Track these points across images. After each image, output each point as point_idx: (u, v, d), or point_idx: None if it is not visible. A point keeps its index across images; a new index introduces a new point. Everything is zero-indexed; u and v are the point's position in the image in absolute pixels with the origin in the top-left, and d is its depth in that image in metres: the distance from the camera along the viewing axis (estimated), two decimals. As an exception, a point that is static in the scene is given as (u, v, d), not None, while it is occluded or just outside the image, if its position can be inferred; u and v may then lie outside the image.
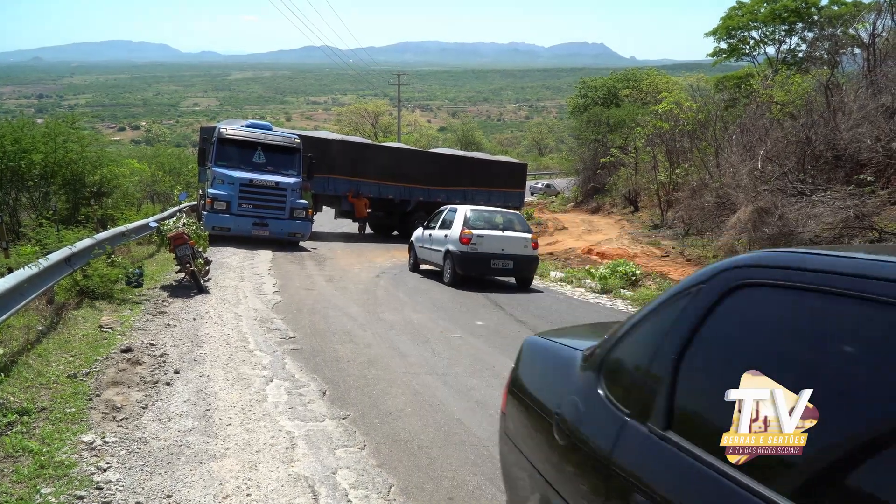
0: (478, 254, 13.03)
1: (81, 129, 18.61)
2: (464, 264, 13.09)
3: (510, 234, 13.58)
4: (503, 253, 13.25)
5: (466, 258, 13.04)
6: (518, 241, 13.46)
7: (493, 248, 13.17)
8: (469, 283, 13.58)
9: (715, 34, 36.78)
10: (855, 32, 20.54)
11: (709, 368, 2.07)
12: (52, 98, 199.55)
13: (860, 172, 14.52)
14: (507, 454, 3.24)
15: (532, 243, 13.68)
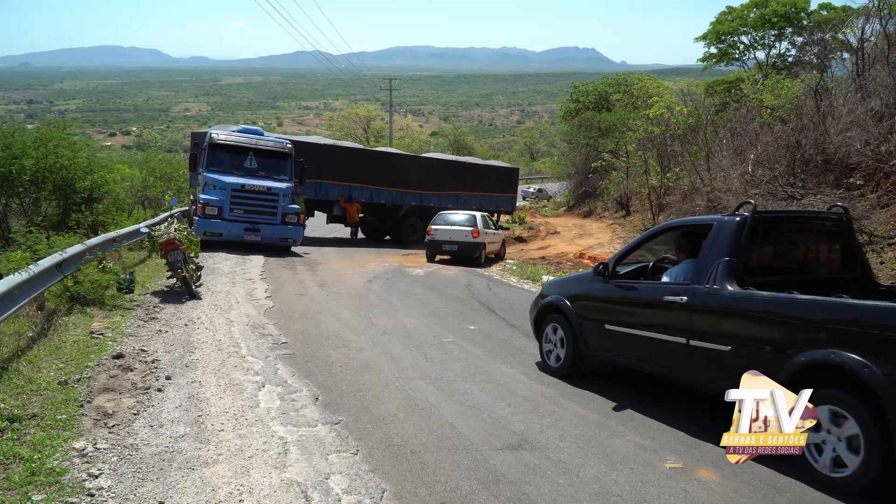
0: (434, 240, 19.29)
1: (72, 134, 18.52)
2: (427, 247, 19.71)
3: (456, 227, 19.22)
4: (450, 240, 19.08)
5: (428, 243, 19.61)
6: (461, 233, 19.13)
7: (444, 237, 19.15)
8: (462, 287, 13.72)
9: (705, 39, 37.00)
10: (844, 37, 20.67)
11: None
12: (41, 103, 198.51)
13: (850, 176, 14.60)
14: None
15: (473, 233, 19.12)
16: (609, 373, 7.35)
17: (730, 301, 5.42)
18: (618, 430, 5.45)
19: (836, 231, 6.45)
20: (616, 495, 4.23)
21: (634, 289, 6.57)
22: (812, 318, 4.83)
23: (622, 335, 6.51)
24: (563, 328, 7.26)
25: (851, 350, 4.43)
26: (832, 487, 4.43)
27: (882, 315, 4.44)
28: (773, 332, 5.13)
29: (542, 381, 6.88)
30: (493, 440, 5.10)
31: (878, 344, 4.35)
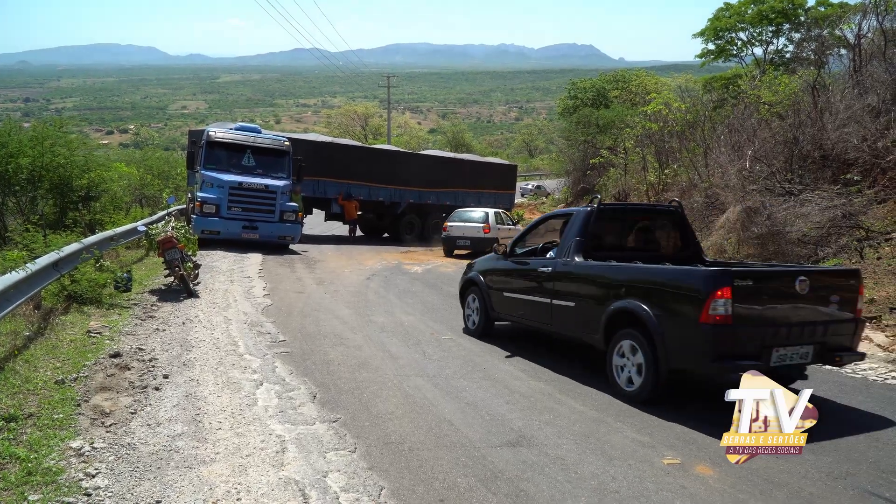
0: (449, 237, 20.38)
1: (69, 132, 18.49)
2: (444, 243, 20.76)
3: (469, 224, 20.32)
4: (464, 236, 20.13)
5: (444, 239, 20.71)
6: (473, 229, 20.17)
7: (458, 234, 20.23)
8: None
9: (703, 35, 36.95)
10: (841, 33, 20.68)
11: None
12: (38, 102, 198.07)
13: (847, 172, 14.60)
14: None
15: (485, 230, 19.99)
16: (604, 370, 7.36)
17: (575, 269, 7.25)
18: (615, 427, 5.45)
19: (673, 219, 8.32)
20: (614, 491, 4.23)
21: (523, 264, 8.27)
22: (618, 279, 6.71)
23: (514, 300, 8.32)
24: (478, 297, 9.04)
25: (638, 300, 6.22)
26: (626, 398, 6.18)
27: (651, 274, 6.47)
28: (597, 290, 6.98)
29: (540, 378, 6.88)
30: (492, 437, 5.10)
31: (650, 294, 6.19)
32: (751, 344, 5.72)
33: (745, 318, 5.68)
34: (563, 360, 7.74)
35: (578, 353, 8.20)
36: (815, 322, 6.03)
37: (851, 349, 6.23)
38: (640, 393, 6.08)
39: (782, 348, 5.79)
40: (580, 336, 7.23)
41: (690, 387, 6.67)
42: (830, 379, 7.22)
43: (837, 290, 6.20)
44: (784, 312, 5.98)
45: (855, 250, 12.27)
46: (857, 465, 4.78)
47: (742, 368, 5.24)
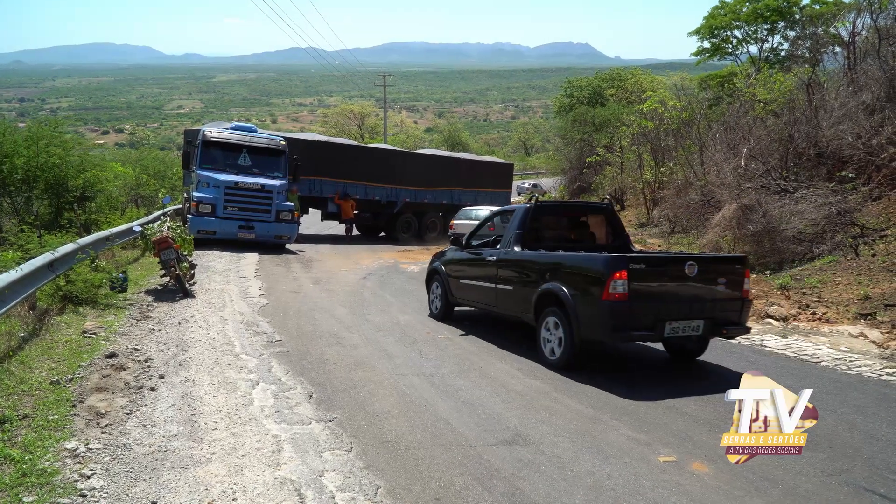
0: (456, 234, 19.98)
1: (64, 132, 18.45)
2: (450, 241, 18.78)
3: (473, 222, 19.60)
4: None
5: (451, 237, 20.16)
6: None
7: (463, 231, 18.90)
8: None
9: (698, 33, 36.99)
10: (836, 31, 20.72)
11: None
12: (33, 102, 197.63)
13: (842, 169, 14.64)
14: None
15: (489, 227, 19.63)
16: (602, 368, 7.37)
17: (513, 257, 8.36)
18: (611, 424, 5.45)
19: (605, 215, 9.53)
20: (610, 489, 4.24)
21: (476, 254, 9.27)
22: (545, 264, 7.74)
23: (469, 286, 9.37)
24: (440, 285, 10.12)
25: (559, 282, 7.22)
26: (550, 366, 7.26)
27: (568, 260, 7.56)
28: (529, 275, 8.01)
29: (537, 377, 6.89)
30: (488, 436, 5.10)
31: (566, 276, 7.22)
32: (646, 317, 6.75)
33: (640, 295, 6.69)
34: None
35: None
36: (704, 300, 7.06)
37: (739, 324, 7.28)
38: (559, 361, 7.19)
39: (675, 321, 6.77)
40: (519, 315, 8.26)
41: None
42: (825, 376, 7.25)
43: (725, 273, 7.22)
44: (675, 291, 7.02)
45: (850, 247, 12.30)
46: (851, 461, 4.79)
47: (638, 338, 7.13)
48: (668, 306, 6.87)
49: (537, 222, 8.91)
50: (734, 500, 4.14)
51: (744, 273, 7.27)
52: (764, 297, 11.33)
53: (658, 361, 7.99)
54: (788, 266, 12.87)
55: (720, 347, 8.69)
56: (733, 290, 7.19)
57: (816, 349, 8.51)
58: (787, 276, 12.05)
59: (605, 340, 7.21)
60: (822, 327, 9.63)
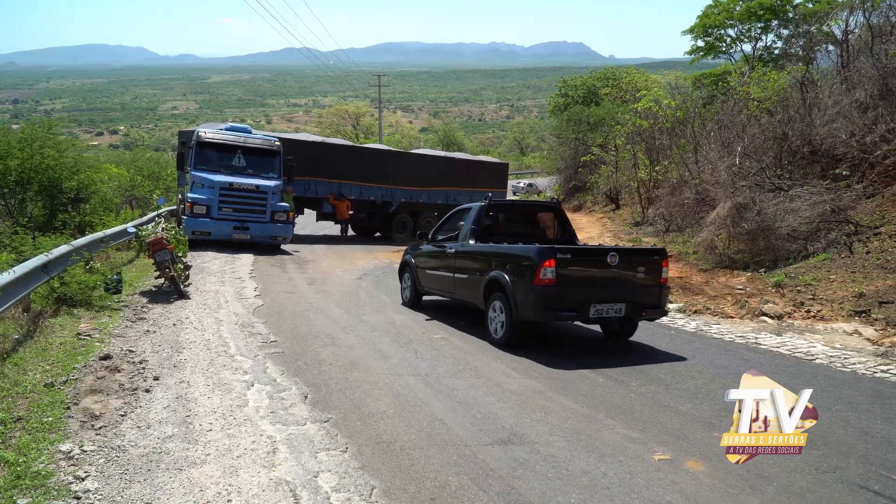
0: None
1: (58, 134, 18.40)
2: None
3: None
4: None
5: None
6: None
7: None
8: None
9: (692, 32, 37.05)
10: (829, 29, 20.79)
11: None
12: (27, 103, 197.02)
13: (836, 167, 14.69)
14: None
15: None
16: (597, 368, 7.37)
17: (468, 249, 9.38)
18: (606, 423, 5.46)
19: (553, 212, 10.61)
20: (605, 487, 4.24)
21: (440, 247, 10.20)
22: (491, 255, 8.76)
23: (433, 275, 10.34)
24: (410, 275, 11.13)
25: (502, 270, 8.26)
26: (495, 344, 8.25)
27: (509, 251, 8.53)
28: (479, 264, 8.94)
29: (532, 376, 6.89)
30: (483, 435, 5.10)
31: (508, 265, 8.22)
32: (572, 300, 7.75)
33: (567, 281, 7.67)
34: (556, 358, 7.75)
35: (571, 353, 8.23)
36: (625, 286, 8.04)
37: (658, 307, 8.29)
38: (502, 339, 8.18)
39: (599, 304, 7.77)
40: (472, 301, 9.21)
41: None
42: (820, 373, 7.27)
43: (645, 263, 8.19)
44: (599, 278, 7.96)
45: (844, 245, 12.34)
46: (846, 458, 4.80)
47: (565, 318, 8.24)
48: (593, 291, 7.86)
49: (492, 219, 10.18)
50: (729, 498, 4.15)
51: (662, 263, 8.25)
52: (759, 295, 11.36)
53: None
54: (783, 264, 12.90)
55: (715, 345, 8.72)
56: (652, 277, 8.18)
57: (811, 347, 8.53)
58: (781, 274, 12.08)
59: (537, 320, 7.98)
60: (816, 325, 9.66)
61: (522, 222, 10.78)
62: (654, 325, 10.08)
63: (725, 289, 12.32)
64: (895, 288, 10.07)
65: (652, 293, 8.20)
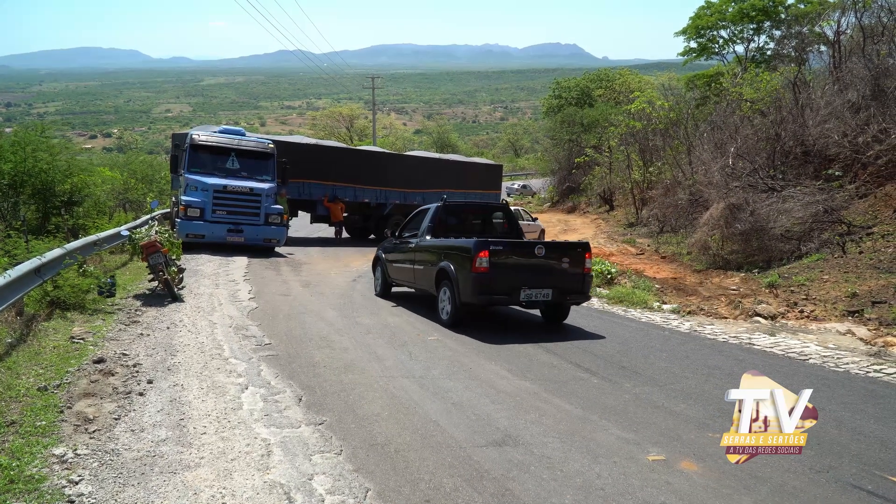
0: None
1: (51, 137, 18.35)
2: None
3: None
4: None
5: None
6: None
7: None
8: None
9: (685, 33, 37.18)
10: (821, 30, 20.86)
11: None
12: (20, 106, 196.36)
13: (828, 167, 14.74)
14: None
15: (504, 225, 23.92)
16: (590, 370, 7.38)
17: (424, 244, 10.62)
18: (601, 424, 5.47)
19: (503, 212, 12.23)
20: (599, 488, 4.25)
21: (405, 242, 11.40)
22: (441, 248, 9.97)
23: (398, 268, 11.59)
24: (380, 268, 12.28)
25: (448, 261, 9.50)
26: (443, 324, 9.50)
27: (454, 244, 9.72)
28: (432, 256, 10.14)
29: (526, 378, 6.90)
30: (477, 437, 5.10)
31: (453, 256, 9.43)
32: (504, 286, 9.01)
33: (499, 269, 8.95)
34: (550, 360, 7.77)
35: (567, 353, 8.23)
36: (552, 274, 9.29)
37: (581, 293, 9.55)
38: (448, 320, 9.47)
39: (528, 289, 9.03)
40: (428, 289, 10.29)
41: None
42: (814, 373, 7.29)
43: (569, 255, 9.48)
44: (528, 267, 9.21)
45: (837, 245, 12.38)
46: (839, 458, 4.82)
47: (498, 301, 9.59)
48: (523, 278, 9.08)
49: (447, 217, 11.33)
50: (723, 499, 4.16)
51: (585, 255, 9.50)
52: (752, 296, 11.40)
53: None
54: (776, 264, 12.95)
55: (709, 346, 8.74)
56: (577, 267, 9.41)
57: (804, 347, 8.56)
58: (774, 275, 12.12)
59: (475, 302, 9.17)
60: (809, 325, 9.69)
61: (475, 220, 12.06)
62: (649, 325, 10.12)
63: (719, 289, 12.35)
64: (888, 288, 10.12)
65: (576, 280, 9.42)
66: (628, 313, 11.27)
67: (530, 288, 9.03)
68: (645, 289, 12.74)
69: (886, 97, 14.60)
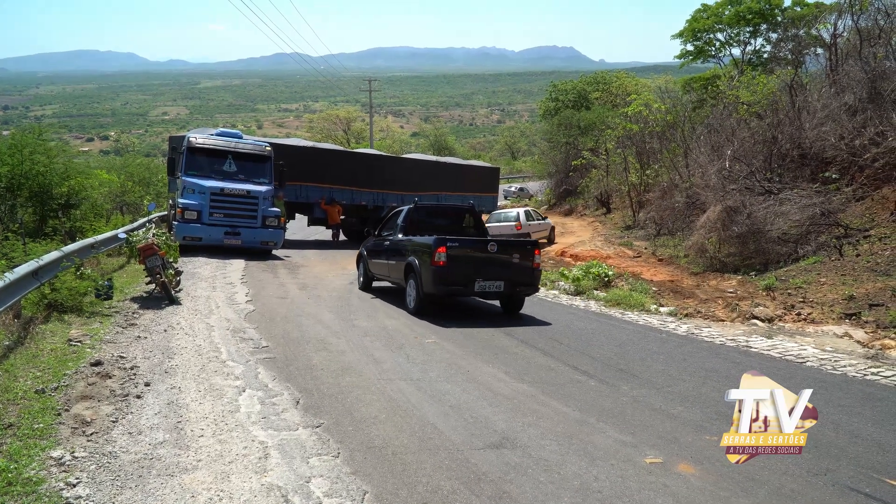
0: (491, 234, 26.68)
1: (48, 140, 18.35)
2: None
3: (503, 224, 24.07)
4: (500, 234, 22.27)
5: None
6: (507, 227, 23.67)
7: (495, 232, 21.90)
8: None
9: (681, 36, 37.27)
10: (817, 33, 20.94)
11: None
12: (17, 109, 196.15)
13: (825, 170, 14.77)
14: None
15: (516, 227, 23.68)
16: (588, 373, 7.39)
17: (397, 241, 11.75)
18: (598, 427, 5.47)
19: (470, 212, 12.95)
20: (596, 491, 4.25)
21: (382, 240, 12.47)
22: (409, 244, 11.09)
23: (377, 263, 12.59)
24: (362, 264, 13.41)
25: (414, 256, 10.64)
26: (410, 312, 10.62)
27: (419, 241, 10.84)
28: (402, 252, 11.26)
29: (524, 380, 6.91)
30: (475, 440, 5.10)
31: (417, 252, 10.57)
32: (461, 278, 10.19)
33: (456, 263, 10.11)
34: (547, 363, 7.77)
35: (565, 356, 8.23)
36: (504, 268, 10.46)
37: (531, 285, 10.82)
38: (414, 308, 10.63)
39: (482, 281, 10.26)
40: (399, 282, 11.44)
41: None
42: (811, 376, 7.30)
43: (520, 251, 10.67)
44: (482, 261, 10.37)
45: (834, 248, 12.41)
46: (836, 461, 4.83)
47: (455, 292, 10.59)
48: (477, 271, 10.26)
49: (419, 217, 12.33)
50: (720, 501, 4.16)
51: (534, 251, 10.74)
52: (749, 298, 11.41)
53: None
54: (773, 267, 12.97)
55: (706, 349, 8.75)
56: (526, 262, 10.60)
57: (802, 349, 8.58)
58: (772, 277, 12.14)
59: (434, 293, 10.30)
60: (807, 328, 9.71)
61: (445, 220, 13.04)
62: (645, 328, 10.13)
63: (716, 292, 12.37)
64: (885, 290, 10.14)
65: (526, 274, 10.64)
66: (625, 316, 11.28)
67: (484, 280, 10.23)
68: (642, 291, 12.75)
69: (883, 100, 14.64)
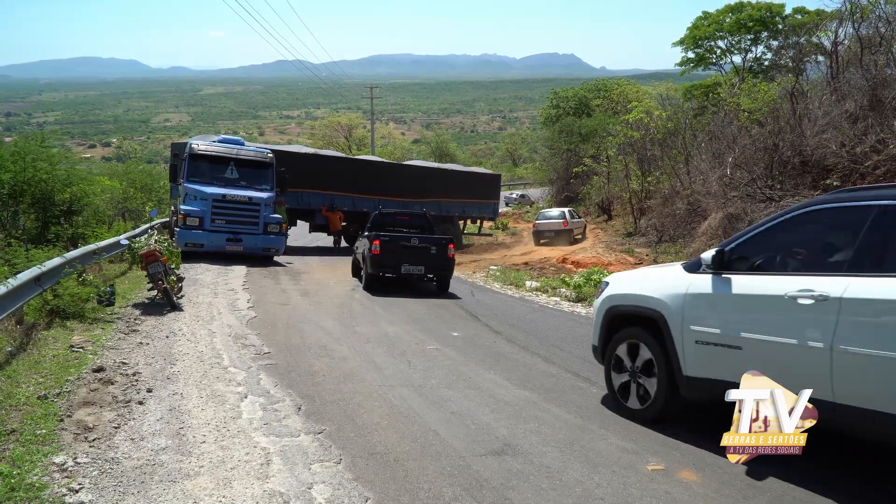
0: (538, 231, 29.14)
1: (51, 146, 18.39)
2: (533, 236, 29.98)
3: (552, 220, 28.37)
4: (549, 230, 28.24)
5: (534, 233, 29.74)
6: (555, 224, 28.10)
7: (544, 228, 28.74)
8: (447, 295, 13.95)
9: (683, 44, 37.36)
10: (818, 40, 20.99)
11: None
12: (20, 116, 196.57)
13: (826, 178, 14.79)
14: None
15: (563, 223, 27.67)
16: (589, 379, 7.39)
17: (361, 237, 14.92)
18: (600, 434, 5.48)
19: (422, 217, 16.04)
20: (598, 498, 4.26)
21: (360, 237, 15.26)
22: (364, 239, 14.20)
23: (355, 253, 15.54)
24: (353, 256, 15.99)
25: (363, 247, 14.38)
26: (362, 287, 14.12)
27: (366, 236, 14.24)
28: (363, 246, 14.20)
29: (525, 387, 6.91)
30: (477, 446, 5.11)
31: (363, 245, 14.43)
32: (391, 263, 13.54)
33: (387, 251, 13.46)
34: (549, 370, 7.78)
35: (566, 363, 8.24)
36: (424, 256, 13.74)
37: (445, 269, 14.04)
38: (362, 284, 14.04)
39: (407, 265, 13.59)
40: (362, 266, 14.22)
41: None
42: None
43: (436, 245, 13.91)
44: (407, 251, 13.65)
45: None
46: (840, 468, 4.83)
47: (387, 272, 13.66)
48: (403, 258, 13.60)
49: (383, 220, 15.39)
50: (722, 507, 4.17)
51: (448, 245, 13.99)
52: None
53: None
54: (774, 274, 12.95)
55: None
56: (442, 253, 13.89)
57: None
58: (773, 284, 12.13)
59: (372, 273, 13.68)
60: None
61: (404, 224, 15.79)
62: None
63: (717, 299, 12.36)
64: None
65: (441, 261, 13.90)
66: (627, 323, 11.26)
67: (409, 265, 13.60)
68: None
69: (884, 107, 14.66)
